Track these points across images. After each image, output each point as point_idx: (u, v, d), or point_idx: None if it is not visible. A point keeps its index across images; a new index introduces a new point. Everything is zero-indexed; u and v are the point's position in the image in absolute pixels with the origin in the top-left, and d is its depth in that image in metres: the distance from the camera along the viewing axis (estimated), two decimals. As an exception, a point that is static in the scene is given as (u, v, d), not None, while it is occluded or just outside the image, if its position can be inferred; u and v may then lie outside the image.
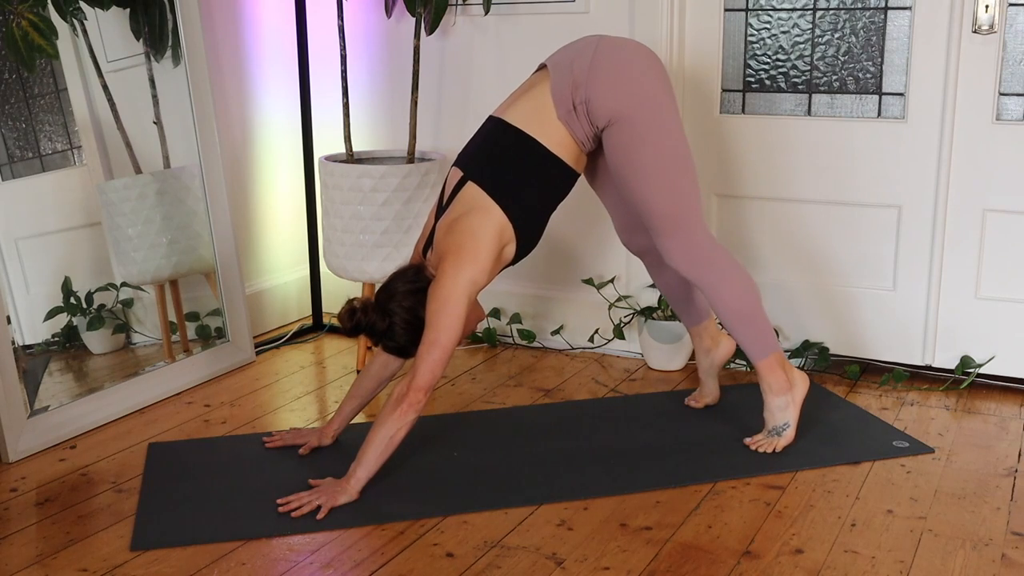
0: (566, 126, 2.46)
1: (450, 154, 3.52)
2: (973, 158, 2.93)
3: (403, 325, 2.41)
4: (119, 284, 3.01)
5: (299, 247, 3.80)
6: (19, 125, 2.78)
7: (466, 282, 2.35)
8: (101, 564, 2.09)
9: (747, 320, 2.54)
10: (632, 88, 2.43)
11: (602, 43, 2.48)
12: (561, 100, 2.45)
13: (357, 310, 2.41)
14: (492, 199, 2.42)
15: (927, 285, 3.06)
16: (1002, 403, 2.92)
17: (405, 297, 2.41)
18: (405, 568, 2.07)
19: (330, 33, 3.51)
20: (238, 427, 2.82)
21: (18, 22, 2.70)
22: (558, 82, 2.45)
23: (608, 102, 2.42)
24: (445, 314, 2.32)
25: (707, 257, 2.51)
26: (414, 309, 2.40)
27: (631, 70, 2.45)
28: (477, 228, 2.40)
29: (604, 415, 2.84)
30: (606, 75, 2.43)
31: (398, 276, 2.46)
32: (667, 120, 2.46)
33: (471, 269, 2.36)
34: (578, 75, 2.44)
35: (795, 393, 2.59)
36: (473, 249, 2.38)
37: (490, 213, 2.42)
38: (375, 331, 2.42)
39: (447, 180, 2.55)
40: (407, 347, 2.44)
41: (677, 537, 2.18)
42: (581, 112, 2.44)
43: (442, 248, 2.42)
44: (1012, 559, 2.07)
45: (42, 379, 2.78)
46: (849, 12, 3.01)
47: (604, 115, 2.43)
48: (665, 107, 2.46)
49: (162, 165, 3.14)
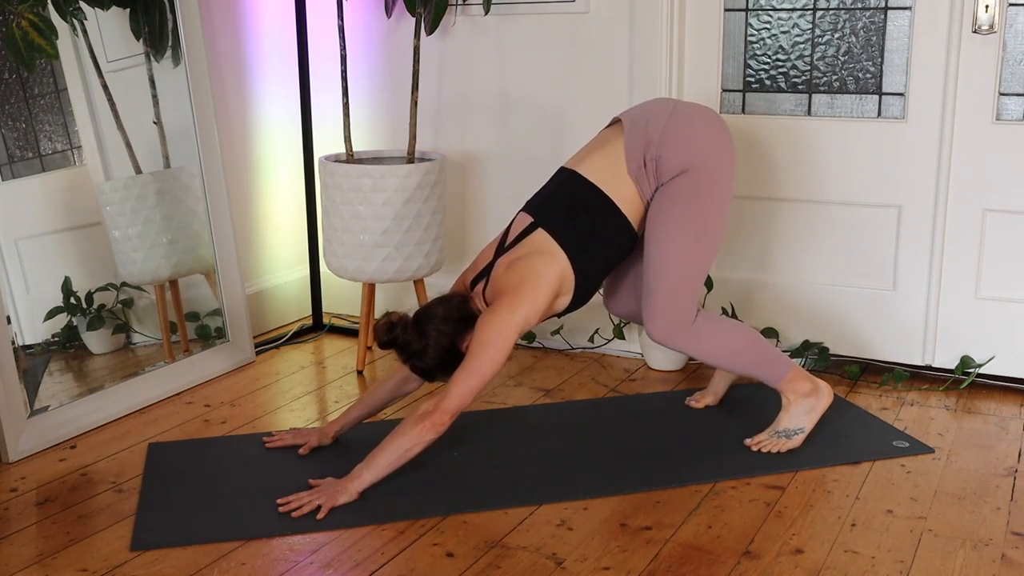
0: (635, 182, 2.49)
1: (450, 154, 3.53)
2: (973, 158, 2.93)
3: (436, 349, 2.41)
4: (119, 284, 3.01)
5: (299, 247, 3.81)
6: (19, 125, 2.78)
7: (520, 319, 2.37)
8: (101, 564, 2.09)
9: (747, 364, 2.56)
10: (703, 150, 2.47)
11: (679, 106, 2.53)
12: (633, 155, 2.48)
13: (396, 325, 2.41)
14: (561, 247, 2.44)
15: (927, 285, 3.06)
16: (1002, 403, 2.92)
17: (445, 323, 2.42)
18: (405, 568, 2.07)
19: (330, 33, 3.51)
20: (238, 427, 2.82)
21: (18, 22, 2.70)
22: (632, 138, 2.49)
23: (678, 159, 2.45)
24: (494, 347, 2.33)
25: (690, 337, 2.51)
26: (451, 336, 2.41)
27: (705, 135, 2.49)
28: (541, 269, 2.42)
29: (604, 415, 2.84)
30: (681, 136, 2.47)
31: (442, 302, 2.48)
32: (722, 192, 2.50)
33: (528, 308, 2.38)
34: (652, 133, 2.48)
35: (820, 401, 2.59)
36: (533, 289, 2.40)
37: (556, 259, 2.44)
38: (409, 350, 2.43)
39: (513, 223, 2.56)
40: (433, 371, 2.45)
41: (677, 537, 2.18)
42: (651, 170, 2.47)
43: (501, 283, 2.44)
44: (1012, 559, 2.07)
45: (42, 379, 2.78)
46: (849, 12, 3.01)
47: (672, 171, 2.46)
48: (725, 179, 2.50)
49: (162, 165, 3.14)
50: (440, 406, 2.30)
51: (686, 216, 2.46)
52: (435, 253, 3.25)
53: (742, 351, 2.55)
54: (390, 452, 2.32)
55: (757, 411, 2.79)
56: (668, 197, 2.47)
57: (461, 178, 3.55)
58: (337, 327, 3.70)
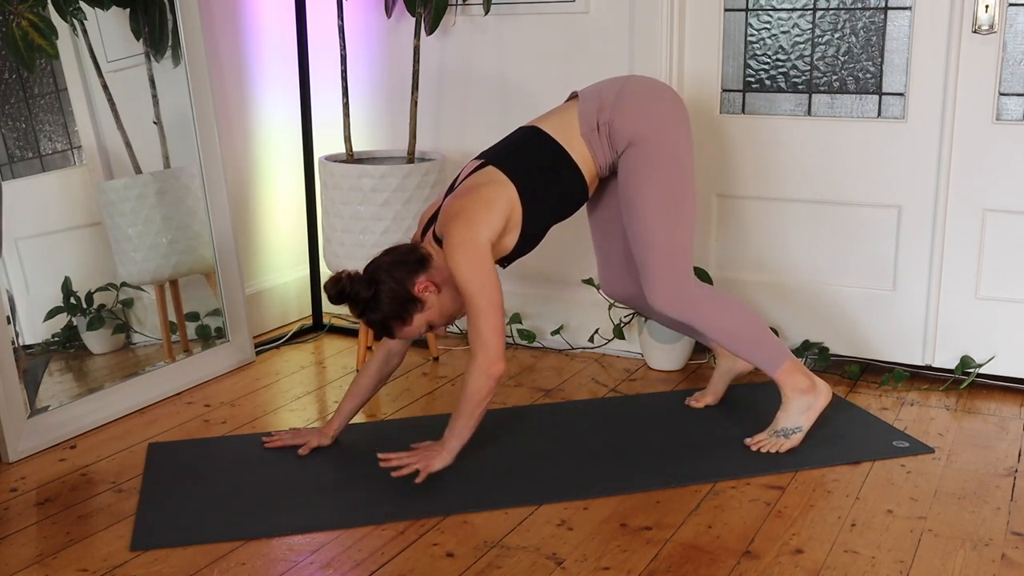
0: (587, 143, 2.50)
1: (450, 154, 3.53)
2: (973, 158, 2.93)
3: (388, 295, 2.35)
4: (119, 284, 3.01)
5: (299, 247, 3.80)
6: (19, 125, 2.78)
7: (483, 240, 2.34)
8: (101, 564, 2.09)
9: (748, 341, 2.56)
10: (654, 118, 2.50)
11: (632, 78, 2.57)
12: (586, 119, 2.50)
13: (343, 279, 2.37)
14: (510, 179, 2.44)
15: (927, 285, 3.06)
16: (1002, 403, 2.92)
17: (394, 267, 2.37)
18: (405, 568, 2.07)
19: (330, 33, 3.51)
20: (238, 427, 2.82)
21: (18, 22, 2.70)
22: (586, 103, 2.53)
23: (630, 125, 2.48)
24: (477, 279, 2.32)
25: (692, 300, 2.53)
26: (402, 280, 2.36)
27: (655, 102, 2.52)
28: (492, 195, 2.41)
29: (604, 415, 2.84)
30: (631, 102, 2.50)
31: (389, 250, 2.45)
32: (682, 157, 2.51)
33: (486, 229, 2.36)
34: (605, 100, 2.51)
35: (818, 399, 2.58)
36: (487, 210, 2.38)
37: (506, 187, 2.43)
38: (358, 299, 2.36)
39: (462, 170, 2.57)
40: (389, 319, 2.38)
41: (677, 537, 2.18)
42: (603, 133, 2.50)
43: (451, 211, 2.40)
44: (1012, 559, 2.07)
45: (42, 379, 2.78)
46: (849, 12, 3.01)
47: (625, 137, 2.48)
48: (682, 144, 2.52)
49: (162, 165, 3.14)
50: (490, 358, 2.33)
51: (654, 187, 2.48)
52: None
53: (743, 327, 2.55)
54: (467, 414, 2.37)
55: (757, 411, 2.79)
56: (631, 174, 2.50)
57: (461, 178, 3.55)
58: (337, 327, 3.70)
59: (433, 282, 2.39)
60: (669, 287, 2.52)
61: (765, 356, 2.56)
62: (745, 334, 2.56)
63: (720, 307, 2.55)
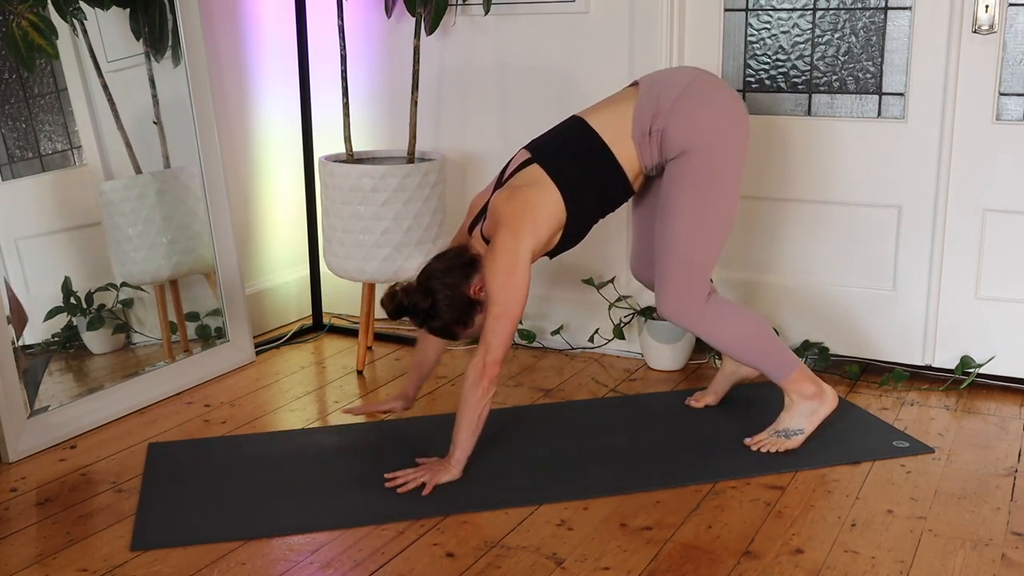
0: (636, 147, 2.48)
1: (450, 154, 3.53)
2: (973, 158, 2.93)
3: (447, 302, 2.40)
4: (119, 284, 3.01)
5: (299, 247, 3.80)
6: (19, 125, 2.78)
7: (526, 249, 2.37)
8: (101, 564, 2.09)
9: (754, 352, 2.55)
10: (709, 132, 2.45)
11: (696, 81, 2.49)
12: (639, 122, 2.47)
13: (398, 292, 2.42)
14: (555, 184, 2.44)
15: (927, 285, 3.06)
16: (1002, 403, 2.92)
17: (447, 274, 2.42)
18: (405, 568, 2.07)
19: (330, 33, 3.51)
20: (238, 427, 2.82)
21: (18, 22, 2.70)
22: (643, 104, 2.48)
23: (683, 137, 2.44)
24: (510, 284, 2.34)
25: (698, 315, 2.51)
26: (457, 285, 2.40)
27: (714, 115, 2.46)
28: (538, 200, 2.42)
29: (604, 415, 2.84)
30: (688, 113, 2.44)
31: (438, 256, 2.49)
32: (730, 176, 2.48)
33: (530, 238, 2.38)
34: (662, 104, 2.46)
35: (823, 405, 2.58)
36: (533, 218, 2.40)
37: (552, 191, 2.44)
38: (418, 312, 2.41)
39: (511, 160, 2.57)
40: (451, 326, 2.44)
41: (677, 537, 2.18)
42: (655, 139, 2.47)
43: (498, 215, 2.42)
44: (1012, 559, 2.07)
45: (42, 379, 2.78)
46: (849, 12, 3.01)
47: (676, 148, 2.45)
48: (733, 161, 2.48)
49: (162, 165, 3.14)
50: (488, 361, 2.35)
51: (695, 198, 2.45)
52: (435, 253, 3.25)
53: (750, 339, 2.54)
54: (467, 424, 2.39)
55: (757, 411, 2.79)
56: (677, 178, 2.47)
57: (461, 178, 3.55)
58: (337, 327, 3.70)
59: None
60: (679, 298, 2.50)
61: (772, 366, 2.55)
62: (751, 346, 2.54)
63: (726, 321, 2.52)
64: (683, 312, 2.51)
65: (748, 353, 2.55)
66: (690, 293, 2.50)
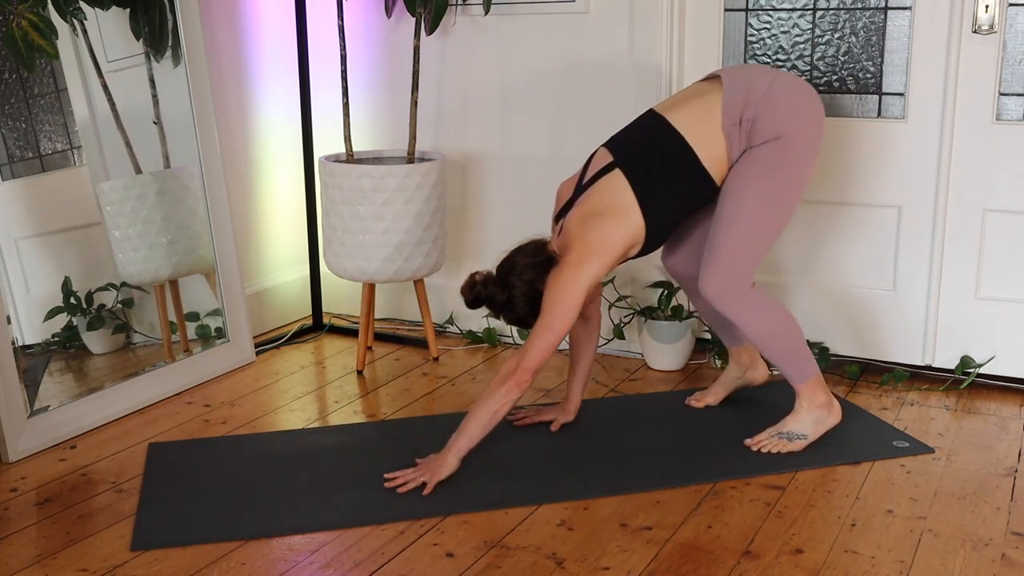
0: (726, 138, 2.48)
1: (450, 154, 3.53)
2: (973, 158, 2.93)
3: (523, 297, 2.48)
4: (119, 284, 3.01)
5: (299, 247, 3.80)
6: (19, 125, 2.78)
7: (588, 276, 2.43)
8: (101, 564, 2.09)
9: (782, 351, 2.55)
10: (798, 123, 2.48)
11: (782, 76, 2.53)
12: (729, 112, 2.48)
13: (477, 283, 2.49)
14: (636, 198, 2.46)
15: (927, 285, 3.05)
16: (1002, 403, 2.92)
17: (525, 270, 2.48)
18: (405, 568, 2.07)
19: (330, 33, 3.51)
20: (238, 427, 2.82)
21: (18, 22, 2.70)
22: (732, 94, 2.49)
23: (775, 125, 2.46)
24: (563, 303, 2.41)
25: (740, 301, 2.51)
26: (533, 282, 2.47)
27: (803, 107, 2.50)
28: (611, 232, 2.46)
29: (604, 415, 2.84)
30: (780, 104, 2.47)
31: (519, 250, 2.54)
32: (804, 170, 2.51)
33: (596, 266, 2.44)
34: (753, 94, 2.48)
35: (829, 417, 2.60)
36: (601, 250, 2.45)
37: (629, 218, 2.47)
38: (495, 303, 2.50)
39: (593, 158, 2.59)
40: (526, 319, 2.51)
41: (677, 537, 2.18)
42: (745, 129, 2.48)
43: (572, 236, 2.48)
44: (1012, 559, 2.07)
45: (42, 379, 2.78)
46: (849, 12, 3.01)
47: (765, 135, 2.46)
48: (810, 158, 2.51)
49: (162, 165, 3.14)
50: (521, 365, 2.39)
51: (768, 182, 2.47)
52: (435, 253, 3.25)
53: (781, 335, 2.54)
54: (480, 417, 2.40)
55: (757, 411, 2.79)
56: (755, 160, 2.47)
57: (461, 178, 3.55)
58: (337, 327, 3.70)
59: None
60: (725, 280, 2.50)
61: (794, 368, 2.56)
62: (781, 344, 2.55)
63: (764, 314, 2.53)
64: (727, 295, 2.50)
65: (775, 348, 2.55)
66: (738, 278, 2.50)
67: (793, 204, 2.52)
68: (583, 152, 3.33)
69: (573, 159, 3.36)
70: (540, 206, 3.45)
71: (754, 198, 2.47)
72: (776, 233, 2.53)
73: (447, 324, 3.63)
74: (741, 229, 2.47)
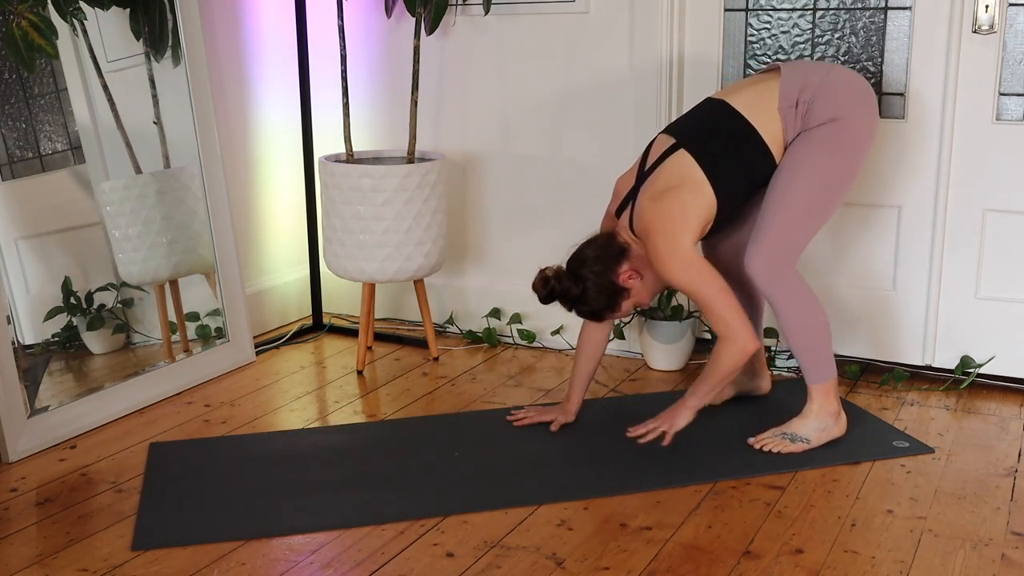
0: (782, 119, 2.51)
1: (450, 154, 3.53)
2: (973, 158, 2.93)
3: (596, 289, 2.50)
4: (119, 284, 3.01)
5: (299, 247, 3.80)
6: (19, 125, 2.78)
7: (687, 244, 2.44)
8: (101, 564, 2.09)
9: (809, 344, 2.55)
10: (855, 108, 2.52)
11: (840, 67, 2.59)
12: (787, 94, 2.51)
13: (550, 278, 2.52)
14: (705, 174, 2.48)
15: (927, 285, 3.05)
16: (1002, 403, 2.92)
17: (596, 262, 2.51)
18: (405, 568, 2.07)
19: (330, 33, 3.51)
20: (238, 427, 2.82)
21: (18, 22, 2.70)
22: (790, 79, 2.53)
23: (832, 107, 2.49)
24: (695, 279, 2.44)
25: (783, 280, 2.52)
26: (605, 273, 2.50)
27: (859, 96, 2.54)
28: (690, 202, 2.47)
29: (604, 415, 2.84)
30: (837, 89, 2.51)
31: (588, 244, 2.56)
32: (858, 156, 2.53)
33: (686, 235, 2.45)
34: (809, 80, 2.52)
35: (836, 427, 2.60)
36: (684, 219, 2.46)
37: (702, 190, 2.48)
38: (569, 297, 2.53)
39: (651, 145, 2.60)
40: (601, 311, 2.54)
41: (677, 537, 2.18)
42: (801, 112, 2.50)
43: (647, 221, 2.48)
44: (1012, 559, 2.07)
45: (42, 379, 2.78)
46: (849, 12, 3.01)
47: (821, 118, 2.49)
48: (865, 145, 2.54)
49: (162, 165, 3.14)
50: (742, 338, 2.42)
51: (821, 163, 2.48)
52: (435, 253, 3.25)
53: (813, 328, 2.54)
54: (714, 383, 2.49)
55: (758, 412, 2.79)
56: (809, 141, 2.49)
57: (461, 178, 3.55)
58: (337, 327, 3.70)
59: (635, 269, 2.53)
60: (771, 257, 2.50)
61: (815, 365, 2.56)
62: (810, 337, 2.54)
63: (802, 301, 2.53)
64: (771, 273, 2.50)
65: (803, 340, 2.55)
66: (784, 255, 2.51)
67: (844, 189, 2.53)
68: (583, 152, 3.34)
69: (573, 159, 3.36)
70: (540, 206, 3.45)
71: (807, 178, 2.48)
72: (826, 216, 2.54)
73: (447, 324, 3.63)
74: (792, 208, 2.49)
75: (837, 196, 2.54)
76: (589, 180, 3.33)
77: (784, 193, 2.49)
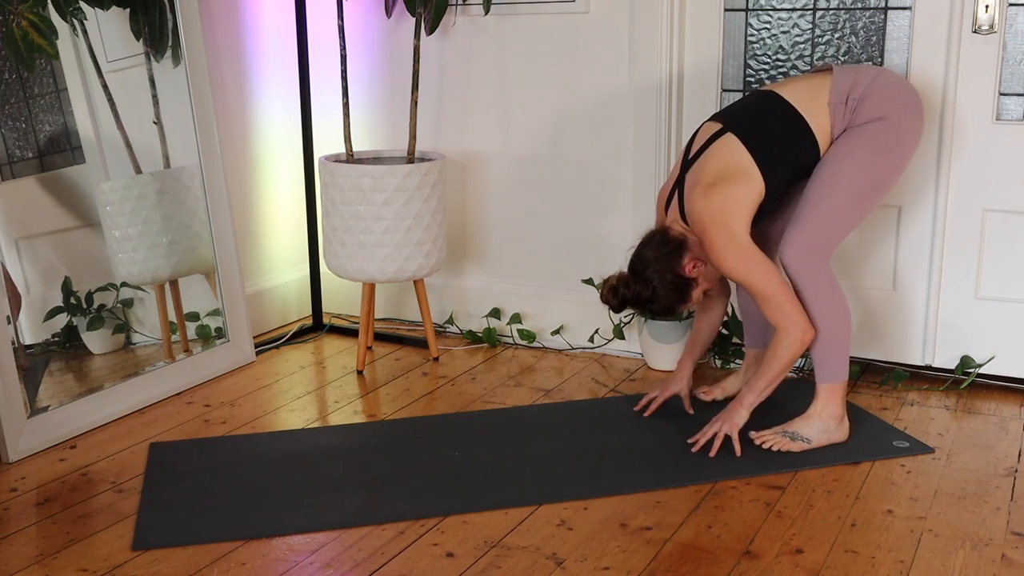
0: (831, 113, 2.54)
1: (450, 154, 3.53)
2: (973, 158, 2.93)
3: (664, 288, 2.53)
4: (119, 284, 3.01)
5: (299, 247, 3.80)
6: (19, 125, 2.78)
7: (743, 234, 2.46)
8: (101, 564, 2.09)
9: (827, 342, 2.55)
10: (903, 109, 2.55)
11: (889, 70, 2.64)
12: (837, 90, 2.54)
13: (618, 286, 2.55)
14: (753, 160, 2.50)
15: (927, 285, 3.06)
16: (1002, 403, 2.92)
17: (658, 261, 2.53)
18: (405, 568, 2.07)
19: (330, 33, 3.51)
20: (238, 427, 2.82)
21: (18, 22, 2.70)
22: (841, 77, 2.57)
23: (881, 105, 2.52)
24: (752, 270, 2.47)
25: (814, 269, 2.53)
26: (670, 270, 2.52)
27: (908, 99, 2.57)
28: (741, 194, 2.49)
29: (604, 415, 2.84)
30: (887, 90, 2.55)
31: (646, 243, 2.59)
32: (904, 155, 2.56)
33: (740, 227, 2.47)
34: (860, 79, 2.56)
35: (838, 431, 2.60)
36: (736, 212, 2.48)
37: (752, 180, 2.50)
38: (640, 300, 2.55)
39: (696, 134, 2.62)
40: (674, 307, 2.57)
41: (677, 537, 2.18)
42: (850, 108, 2.53)
43: (699, 216, 2.50)
44: (1012, 559, 2.07)
45: (42, 379, 2.78)
46: (849, 12, 3.01)
47: (870, 116, 2.51)
48: (909, 146, 2.57)
49: (162, 165, 3.14)
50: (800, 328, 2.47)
51: (866, 159, 2.51)
52: (435, 253, 3.25)
53: (834, 325, 2.55)
54: (772, 379, 2.52)
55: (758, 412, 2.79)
56: (856, 136, 2.52)
57: (461, 178, 3.55)
58: (337, 327, 3.70)
59: (698, 258, 2.55)
60: (807, 246, 2.51)
61: (828, 364, 2.57)
62: (829, 333, 2.55)
63: (831, 296, 2.54)
64: (804, 263, 2.52)
65: (822, 335, 2.55)
66: (820, 246, 2.52)
67: (885, 188, 2.55)
68: (583, 152, 3.34)
69: (573, 159, 3.36)
70: (540, 206, 3.45)
71: (850, 172, 2.50)
72: (864, 213, 2.56)
73: (447, 324, 3.63)
74: (833, 200, 2.51)
75: (878, 195, 2.55)
76: (589, 179, 3.33)
77: (826, 186, 2.51)
